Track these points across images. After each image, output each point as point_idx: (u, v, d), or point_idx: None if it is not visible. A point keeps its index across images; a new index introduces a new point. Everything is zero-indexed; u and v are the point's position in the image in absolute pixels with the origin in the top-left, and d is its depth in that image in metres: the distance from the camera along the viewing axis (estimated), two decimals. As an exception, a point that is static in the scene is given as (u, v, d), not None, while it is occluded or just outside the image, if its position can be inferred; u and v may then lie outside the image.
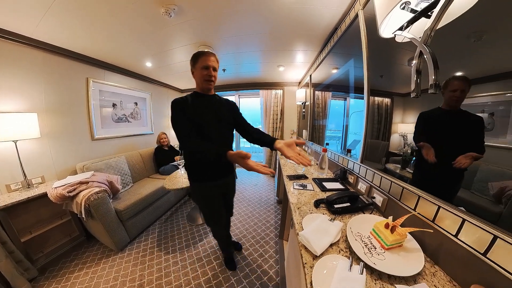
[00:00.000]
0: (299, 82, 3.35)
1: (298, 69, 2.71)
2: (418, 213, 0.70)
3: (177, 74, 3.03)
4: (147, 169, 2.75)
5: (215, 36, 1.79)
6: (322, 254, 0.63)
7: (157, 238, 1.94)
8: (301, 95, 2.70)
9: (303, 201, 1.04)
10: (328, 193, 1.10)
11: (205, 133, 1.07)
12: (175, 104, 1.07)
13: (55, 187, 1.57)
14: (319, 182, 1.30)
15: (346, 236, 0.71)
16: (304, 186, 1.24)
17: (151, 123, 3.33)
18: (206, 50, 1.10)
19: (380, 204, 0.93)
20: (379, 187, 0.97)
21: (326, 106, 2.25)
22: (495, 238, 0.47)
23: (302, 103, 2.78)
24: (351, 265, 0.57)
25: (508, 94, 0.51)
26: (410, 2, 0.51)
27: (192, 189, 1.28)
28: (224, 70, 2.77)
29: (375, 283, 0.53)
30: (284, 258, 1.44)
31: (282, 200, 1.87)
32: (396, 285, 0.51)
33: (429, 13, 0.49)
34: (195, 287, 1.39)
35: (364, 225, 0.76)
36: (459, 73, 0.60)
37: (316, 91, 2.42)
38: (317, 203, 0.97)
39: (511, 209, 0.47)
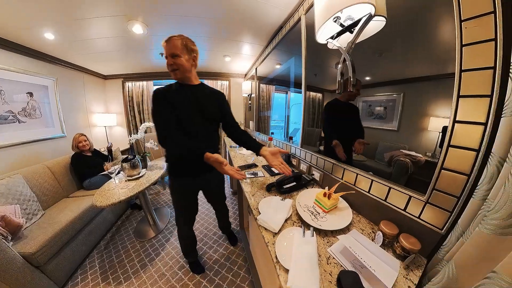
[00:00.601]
0: (245, 74, 3.42)
1: (244, 61, 2.73)
2: (344, 181, 0.94)
3: (97, 55, 2.35)
4: (63, 186, 2.02)
5: (152, 11, 1.52)
6: (280, 230, 0.73)
7: (100, 271, 1.53)
8: (247, 87, 2.79)
9: (256, 188, 1.12)
10: (277, 177, 1.23)
11: (184, 127, 1.02)
12: (154, 95, 1.01)
13: None
14: (268, 168, 1.45)
15: (296, 210, 0.85)
16: (255, 174, 1.34)
17: (60, 122, 2.44)
18: (168, 37, 0.96)
19: (318, 179, 1.16)
20: (316, 165, 1.21)
21: (270, 98, 2.44)
22: (390, 188, 0.72)
23: (248, 95, 2.88)
24: (304, 232, 0.71)
25: (394, 95, 0.76)
26: (340, 18, 0.65)
27: (169, 182, 1.22)
28: (162, 54, 2.43)
29: (323, 239, 0.70)
30: (249, 243, 1.51)
31: (237, 190, 1.94)
32: (337, 236, 0.69)
33: (352, 30, 0.65)
34: None
35: (308, 197, 0.93)
36: (367, 78, 0.84)
37: (261, 84, 2.57)
38: (269, 187, 1.08)
39: (397, 169, 0.73)
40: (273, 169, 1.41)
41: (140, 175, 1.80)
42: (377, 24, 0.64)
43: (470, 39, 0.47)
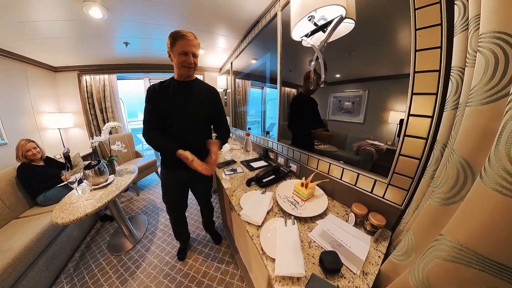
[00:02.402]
0: (220, 69, 3.33)
1: (219, 54, 2.64)
2: (319, 170, 1.02)
3: (44, 42, 1.97)
4: (9, 206, 1.64)
5: None
6: (263, 223, 0.76)
7: None
8: (223, 82, 2.73)
9: (236, 184, 1.13)
10: (256, 171, 1.26)
11: (167, 124, 1.07)
12: (147, 91, 1.08)
13: None
14: (246, 163, 1.47)
15: (277, 202, 0.89)
16: (234, 170, 1.35)
17: None
18: (185, 32, 0.95)
19: (295, 170, 1.22)
20: (292, 158, 1.27)
21: (246, 93, 2.44)
22: (358, 175, 0.81)
23: (224, 90, 2.82)
24: (285, 221, 0.75)
25: (360, 92, 0.84)
26: (314, 17, 0.69)
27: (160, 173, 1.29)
28: (126, 43, 2.18)
29: (304, 226, 0.75)
30: (234, 240, 1.51)
31: (217, 188, 1.91)
32: (316, 222, 0.75)
33: (325, 29, 0.69)
34: None
35: (287, 189, 0.99)
36: (338, 75, 0.91)
37: (237, 79, 2.54)
38: (249, 182, 1.10)
39: (364, 157, 0.83)
40: (251, 164, 1.44)
41: (108, 182, 1.59)
42: (347, 26, 0.69)
43: (422, 45, 0.56)
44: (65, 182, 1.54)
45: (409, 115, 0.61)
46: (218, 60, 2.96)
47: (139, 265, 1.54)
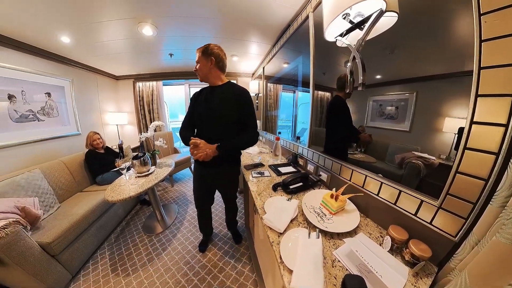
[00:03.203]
0: (253, 74, 3.42)
1: (252, 60, 2.72)
2: (352, 182, 0.92)
3: (110, 56, 2.44)
4: (77, 181, 2.12)
5: (160, 13, 1.55)
6: (285, 230, 0.73)
7: (109, 262, 1.61)
8: (255, 86, 2.78)
9: (262, 187, 1.12)
10: (284, 177, 1.22)
11: (198, 125, 1.23)
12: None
13: None
14: (274, 168, 1.44)
15: (302, 211, 0.83)
16: (261, 174, 1.34)
17: (75, 121, 2.56)
18: None
19: (325, 180, 1.13)
20: (323, 166, 1.18)
21: (277, 97, 2.42)
22: (400, 192, 0.69)
23: (256, 94, 2.87)
24: (309, 233, 0.70)
25: (406, 94, 0.72)
26: (349, 14, 0.63)
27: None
28: (171, 55, 2.48)
29: (329, 242, 0.68)
30: (253, 242, 1.51)
31: (243, 189, 1.94)
32: (344, 239, 0.67)
33: (362, 26, 0.62)
34: None
35: (315, 198, 0.92)
36: (378, 76, 0.81)
37: (268, 83, 2.55)
38: (275, 187, 1.08)
39: (408, 172, 0.70)
40: (279, 168, 1.41)
41: (149, 172, 1.85)
42: (389, 20, 0.61)
43: (489, 33, 0.44)
44: (117, 168, 1.83)
45: (471, 122, 0.48)
46: (250, 66, 3.05)
47: (165, 248, 1.72)
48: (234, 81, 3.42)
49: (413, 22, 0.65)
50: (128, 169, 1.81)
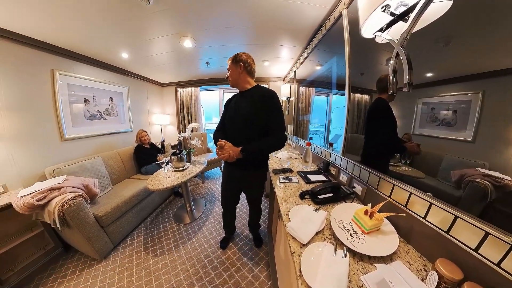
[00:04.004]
0: (284, 78, 3.39)
1: (283, 64, 2.71)
2: (392, 199, 0.78)
3: (157, 67, 2.83)
4: (127, 169, 2.55)
5: (198, 28, 1.72)
6: (308, 243, 0.67)
7: (143, 241, 1.85)
8: (286, 90, 2.74)
9: (289, 193, 1.07)
10: (312, 185, 1.15)
11: (228, 127, 1.30)
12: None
13: (21, 196, 1.38)
14: (303, 175, 1.36)
15: (330, 224, 0.76)
16: (289, 179, 1.28)
17: (129, 120, 3.07)
18: None
19: (360, 193, 1.01)
20: (358, 177, 1.05)
21: (310, 101, 2.32)
22: (456, 218, 0.55)
23: (287, 98, 2.82)
24: (335, 250, 0.62)
25: (468, 94, 0.58)
26: (390, 6, 0.55)
27: None
28: (207, 63, 2.69)
29: (358, 264, 0.59)
30: (274, 249, 1.47)
31: (269, 194, 1.91)
32: (375, 265, 0.57)
33: (406, 17, 0.54)
34: (187, 286, 1.37)
35: (346, 213, 0.82)
36: (429, 74, 0.67)
37: (300, 87, 2.48)
38: (302, 195, 1.01)
39: (469, 194, 0.56)
40: (308, 176, 1.33)
41: (185, 168, 2.06)
42: (440, 6, 0.50)
43: None
44: (159, 162, 2.14)
45: None
46: (282, 70, 3.04)
47: (190, 238, 1.86)
48: (266, 86, 3.47)
49: (475, 3, 0.52)
50: (167, 163, 2.07)
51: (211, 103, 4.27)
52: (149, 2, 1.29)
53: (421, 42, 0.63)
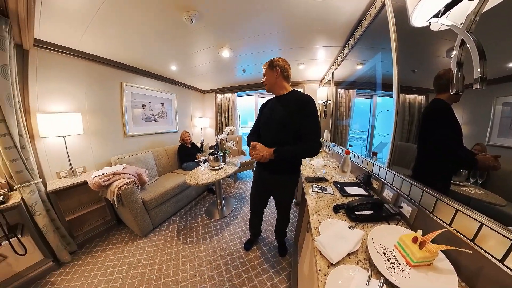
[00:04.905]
0: (321, 80, 3.21)
1: (319, 66, 2.59)
2: (454, 229, 0.61)
3: (200, 76, 3.15)
4: (171, 164, 2.94)
5: (234, 38, 1.83)
6: (338, 263, 0.60)
7: (177, 228, 2.08)
8: (323, 93, 2.58)
9: (321, 205, 1.00)
10: (349, 199, 1.05)
11: (262, 131, 1.33)
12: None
13: (94, 177, 1.77)
14: (340, 186, 1.23)
15: (366, 247, 0.65)
16: (323, 190, 1.19)
17: (175, 122, 3.53)
18: None
19: (408, 215, 0.83)
20: (408, 195, 0.87)
21: (350, 105, 2.11)
22: None
23: (324, 102, 2.65)
24: (369, 279, 0.53)
25: None
26: (448, -17, 0.44)
27: None
28: (243, 70, 2.80)
29: (396, 304, 0.48)
30: (298, 261, 1.38)
31: (300, 202, 1.82)
32: (421, 310, 0.45)
33: (472, -6, 0.41)
34: (208, 278, 1.44)
35: (388, 236, 0.69)
36: (511, 64, 0.50)
37: (339, 89, 2.29)
38: (337, 208, 0.93)
39: None
40: (345, 188, 1.20)
41: (220, 167, 2.24)
42: None
43: None
44: (197, 160, 2.35)
45: None
46: (318, 72, 2.90)
47: (217, 234, 1.97)
48: (301, 90, 3.36)
49: None
50: (205, 162, 2.31)
51: (247, 108, 4.49)
52: (192, 21, 1.45)
53: (496, 23, 0.47)
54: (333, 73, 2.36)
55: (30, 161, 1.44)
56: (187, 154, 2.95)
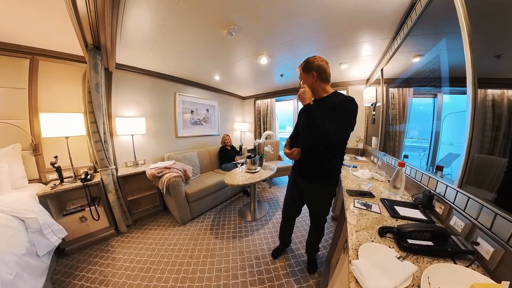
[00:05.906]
0: (367, 80, 2.81)
1: (364, 63, 2.29)
2: None
3: (240, 84, 3.35)
4: (212, 164, 3.22)
5: (271, 45, 1.87)
6: None
7: (211, 223, 2.24)
8: (370, 95, 2.25)
9: (364, 224, 0.86)
10: (401, 222, 0.86)
11: (299, 135, 1.30)
12: None
13: (150, 168, 2.15)
14: (389, 204, 1.02)
15: (419, 287, 0.52)
16: (368, 206, 1.01)
17: (218, 126, 3.86)
18: None
19: (487, 256, 0.60)
20: (489, 229, 0.64)
21: (405, 106, 1.76)
22: None
23: (372, 104, 2.31)
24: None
25: None
26: None
27: None
28: (281, 75, 2.79)
29: None
30: (327, 283, 1.23)
31: (338, 217, 1.62)
32: None
33: None
34: (231, 276, 1.47)
35: (452, 279, 0.54)
36: None
37: (390, 88, 1.95)
38: (383, 231, 0.77)
39: None
40: (396, 207, 0.99)
41: (256, 170, 2.31)
42: None
43: None
44: (235, 162, 2.59)
45: None
46: (364, 71, 2.56)
47: (246, 235, 2.01)
48: (344, 91, 3.05)
49: None
50: (242, 164, 2.43)
51: (286, 113, 4.44)
52: (232, 34, 1.57)
53: None
54: (382, 70, 2.04)
55: (109, 152, 1.93)
56: (227, 155, 3.16)
